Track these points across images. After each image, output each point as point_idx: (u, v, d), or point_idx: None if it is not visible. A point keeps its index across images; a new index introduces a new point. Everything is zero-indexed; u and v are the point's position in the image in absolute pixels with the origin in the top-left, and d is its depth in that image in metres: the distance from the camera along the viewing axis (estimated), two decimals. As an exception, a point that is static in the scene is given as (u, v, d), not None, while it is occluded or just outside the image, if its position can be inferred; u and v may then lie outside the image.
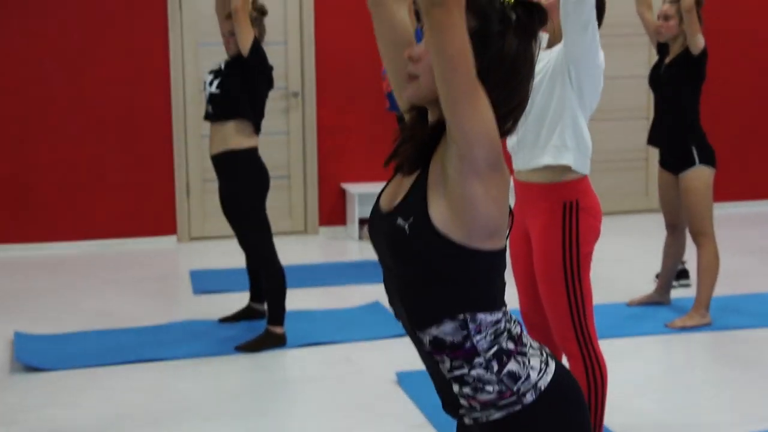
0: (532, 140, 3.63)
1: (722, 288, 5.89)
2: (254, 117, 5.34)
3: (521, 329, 2.23)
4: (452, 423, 3.81)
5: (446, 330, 2.15)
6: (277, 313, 5.31)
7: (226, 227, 7.76)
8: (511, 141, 3.71)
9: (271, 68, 5.39)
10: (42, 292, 6.59)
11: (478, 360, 2.15)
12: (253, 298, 5.79)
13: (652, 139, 5.79)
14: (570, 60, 3.53)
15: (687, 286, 6.31)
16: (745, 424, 4.25)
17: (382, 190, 2.29)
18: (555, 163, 3.58)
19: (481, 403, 2.16)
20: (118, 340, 5.47)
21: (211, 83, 5.36)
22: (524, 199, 3.73)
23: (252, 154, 5.33)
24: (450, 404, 2.24)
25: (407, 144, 2.22)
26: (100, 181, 7.90)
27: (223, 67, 5.38)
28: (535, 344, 2.25)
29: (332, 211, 8.36)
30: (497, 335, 2.16)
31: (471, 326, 2.14)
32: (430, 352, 2.18)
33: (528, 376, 2.17)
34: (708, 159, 5.52)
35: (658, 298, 5.92)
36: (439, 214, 2.11)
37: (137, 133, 7.94)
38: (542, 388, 2.17)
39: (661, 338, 5.42)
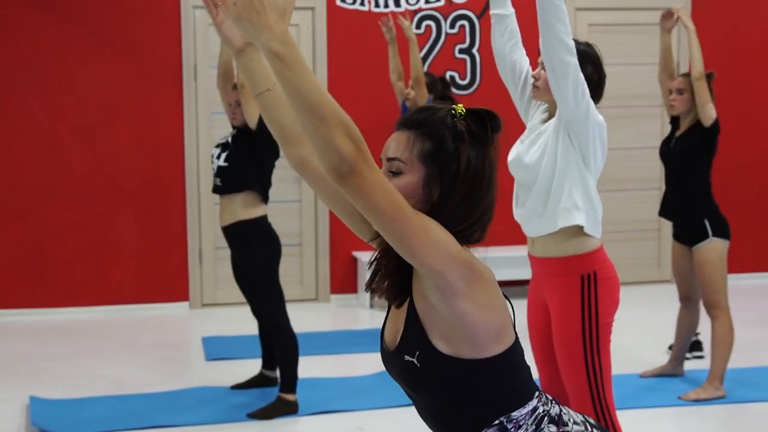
0: (540, 210, 3.64)
1: (737, 360, 5.86)
2: (262, 188, 5.39)
3: (559, 408, 2.22)
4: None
5: None
6: (290, 381, 5.31)
7: (237, 294, 7.73)
8: (519, 212, 3.73)
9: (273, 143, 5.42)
10: (56, 356, 6.59)
11: None
12: (265, 366, 5.78)
13: (664, 212, 5.80)
14: (565, 121, 3.55)
15: (700, 357, 6.28)
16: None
17: (384, 324, 2.29)
18: (567, 225, 3.58)
19: None
20: (132, 405, 5.45)
21: (218, 156, 5.42)
22: (541, 274, 3.74)
23: (262, 222, 5.38)
24: None
25: (381, 277, 2.21)
26: (114, 247, 7.94)
27: (230, 140, 5.43)
28: (578, 418, 2.24)
29: (344, 279, 8.37)
30: (538, 423, 2.16)
31: (509, 426, 2.14)
32: None
33: None
34: (721, 231, 5.52)
35: (672, 370, 5.89)
36: (440, 339, 2.12)
37: (151, 200, 8.00)
38: None
39: (675, 410, 5.38)
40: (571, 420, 2.22)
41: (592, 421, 2.28)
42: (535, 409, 2.17)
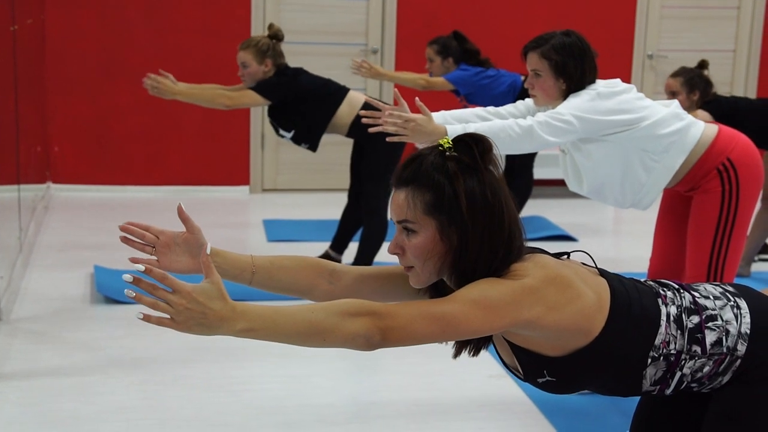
0: (633, 196, 3.62)
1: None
2: (330, 98, 5.36)
3: (690, 294, 2.18)
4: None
5: (652, 372, 2.16)
6: (365, 262, 5.31)
7: (298, 180, 7.73)
8: (613, 204, 3.69)
9: (293, 79, 5.35)
10: (118, 231, 6.61)
11: (683, 357, 2.14)
12: (333, 246, 5.76)
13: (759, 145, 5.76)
14: (590, 137, 3.51)
15: (766, 260, 6.22)
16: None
17: (494, 346, 2.28)
18: (673, 174, 3.55)
19: (707, 378, 2.17)
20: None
21: (281, 134, 5.43)
22: (681, 185, 3.69)
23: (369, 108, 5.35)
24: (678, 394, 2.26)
25: (458, 344, 2.21)
26: (177, 129, 7.94)
27: (272, 121, 5.42)
28: (716, 291, 2.20)
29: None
30: (679, 324, 2.14)
31: (661, 351, 2.14)
32: (660, 389, 2.20)
33: (727, 332, 2.15)
34: None
35: (739, 270, 5.81)
36: (554, 350, 2.11)
37: (215, 82, 7.92)
38: (747, 332, 2.15)
39: (742, 309, 5.32)
40: (710, 296, 2.19)
41: (730, 288, 2.24)
42: (668, 316, 2.14)
